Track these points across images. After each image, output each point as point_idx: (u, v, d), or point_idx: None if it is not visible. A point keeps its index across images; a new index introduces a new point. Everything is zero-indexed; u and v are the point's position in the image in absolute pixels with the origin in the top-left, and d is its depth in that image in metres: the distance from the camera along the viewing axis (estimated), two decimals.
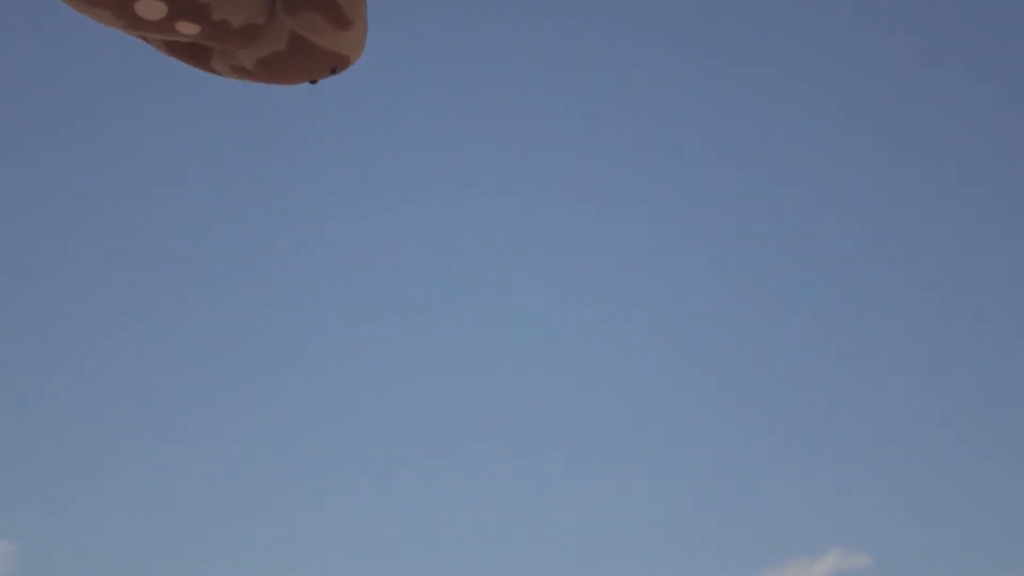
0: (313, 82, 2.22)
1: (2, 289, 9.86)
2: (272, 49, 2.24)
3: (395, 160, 10.04)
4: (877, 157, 10.01)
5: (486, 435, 9.48)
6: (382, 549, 9.08)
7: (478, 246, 10.04)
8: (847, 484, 9.36)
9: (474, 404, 9.71)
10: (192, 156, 10.25)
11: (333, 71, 2.24)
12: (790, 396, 9.68)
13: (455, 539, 9.11)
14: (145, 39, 2.36)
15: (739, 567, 8.99)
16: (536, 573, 8.97)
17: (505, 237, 9.97)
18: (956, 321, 9.79)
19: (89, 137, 10.15)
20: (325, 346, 10.01)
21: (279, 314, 10.00)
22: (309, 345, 9.97)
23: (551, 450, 9.49)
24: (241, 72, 2.31)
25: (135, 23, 2.24)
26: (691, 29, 10.05)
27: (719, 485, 9.34)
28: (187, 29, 2.24)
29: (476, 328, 9.77)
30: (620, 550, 9.02)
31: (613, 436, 9.48)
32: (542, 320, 9.36)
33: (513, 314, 9.77)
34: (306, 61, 2.23)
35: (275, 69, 2.24)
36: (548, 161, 10.04)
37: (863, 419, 9.58)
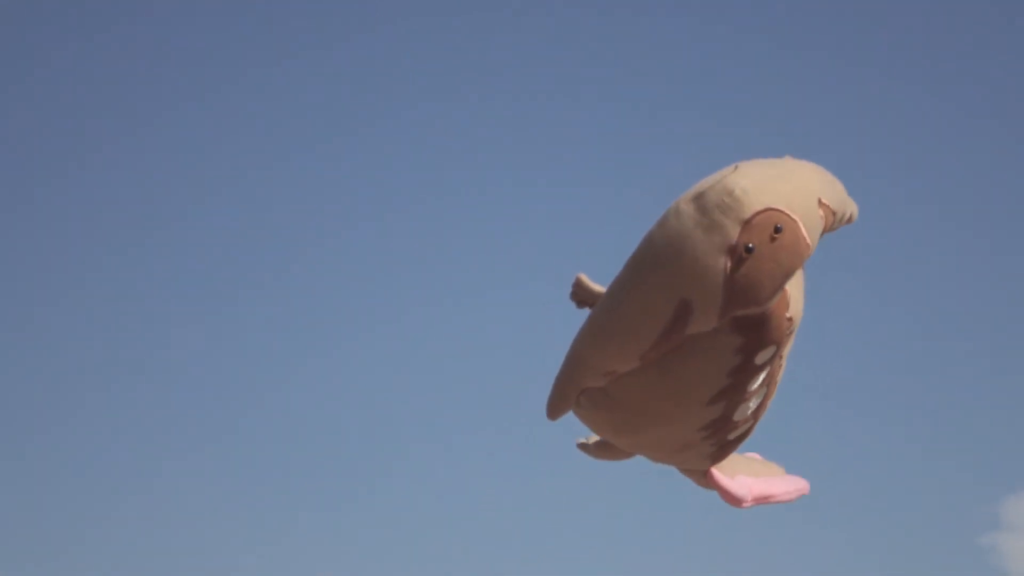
0: None
1: None
2: None
3: (395, 160, 10.02)
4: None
5: (490, 435, 9.45)
6: (381, 549, 9.06)
7: (479, 245, 10.02)
8: None
9: (475, 404, 9.68)
10: (192, 155, 10.24)
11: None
12: None
13: (454, 541, 9.08)
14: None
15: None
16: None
17: (506, 236, 9.95)
18: None
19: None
20: (326, 346, 9.99)
21: (278, 314, 9.98)
22: (309, 346, 9.95)
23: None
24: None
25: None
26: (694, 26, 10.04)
27: None
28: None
29: (477, 328, 9.75)
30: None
31: None
32: (544, 320, 9.33)
33: (515, 313, 9.75)
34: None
35: None
36: (550, 160, 10.02)
37: None
